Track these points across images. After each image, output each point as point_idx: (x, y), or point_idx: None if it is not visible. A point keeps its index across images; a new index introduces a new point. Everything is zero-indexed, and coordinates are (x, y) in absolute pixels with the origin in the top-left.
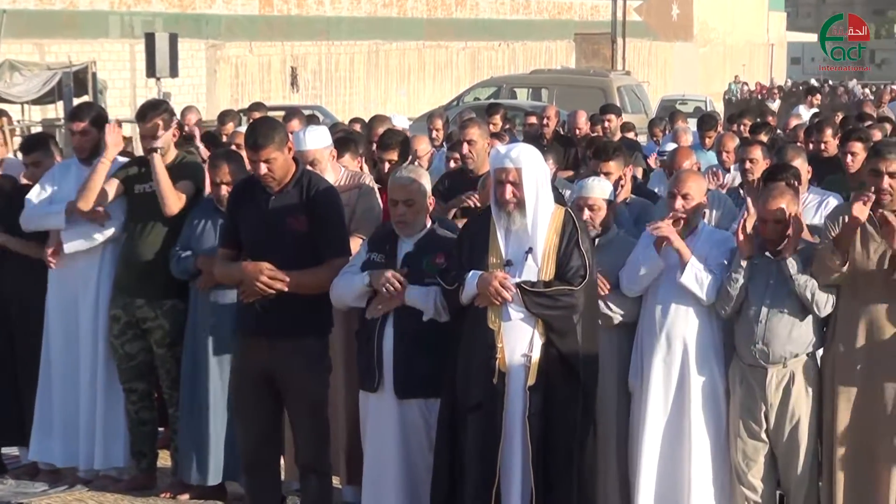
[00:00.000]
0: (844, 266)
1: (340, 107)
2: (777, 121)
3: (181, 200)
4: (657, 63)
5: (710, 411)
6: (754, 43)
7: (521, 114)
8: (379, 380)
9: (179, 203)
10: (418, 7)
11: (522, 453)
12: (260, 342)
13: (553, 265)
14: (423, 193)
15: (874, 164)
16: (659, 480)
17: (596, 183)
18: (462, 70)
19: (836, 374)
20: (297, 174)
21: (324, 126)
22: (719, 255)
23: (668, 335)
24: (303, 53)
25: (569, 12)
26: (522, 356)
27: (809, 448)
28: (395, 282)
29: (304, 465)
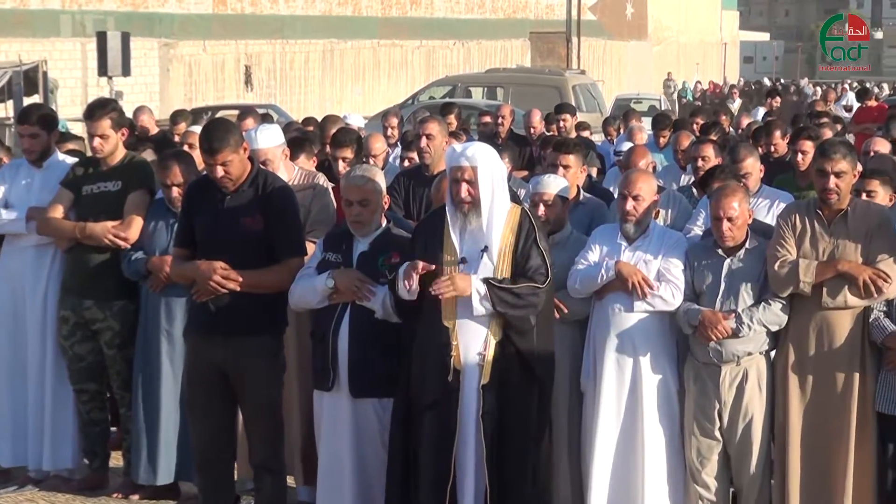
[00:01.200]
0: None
1: (295, 105)
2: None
3: (141, 219)
4: (612, 62)
5: (662, 410)
6: (708, 42)
7: (476, 113)
8: (334, 379)
9: (141, 221)
10: (373, 6)
11: (476, 451)
12: (214, 340)
13: (509, 264)
14: (377, 193)
15: (820, 164)
16: (612, 480)
17: (551, 180)
18: (417, 69)
19: (788, 373)
20: (252, 173)
21: (276, 125)
22: (675, 256)
23: (620, 334)
24: (257, 52)
25: (524, 11)
26: (477, 354)
27: (762, 446)
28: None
29: (259, 464)
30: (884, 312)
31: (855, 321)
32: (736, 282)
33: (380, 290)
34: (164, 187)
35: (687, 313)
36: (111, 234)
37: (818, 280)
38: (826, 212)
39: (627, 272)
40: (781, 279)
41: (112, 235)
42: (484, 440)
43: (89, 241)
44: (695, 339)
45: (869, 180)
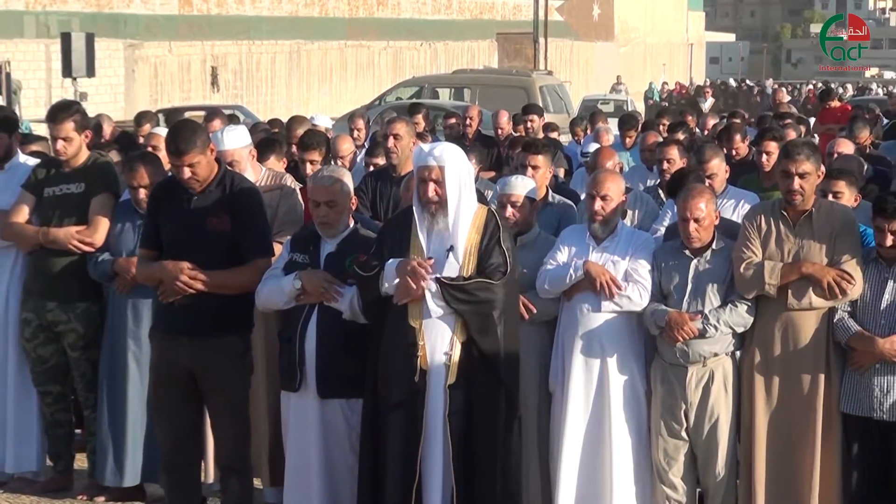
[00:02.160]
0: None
1: (262, 107)
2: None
3: (107, 223)
4: (579, 63)
5: (630, 411)
6: (674, 43)
7: (443, 114)
8: (301, 380)
9: (106, 226)
10: (340, 7)
11: (443, 452)
12: (180, 341)
13: (474, 263)
14: (345, 194)
15: (784, 166)
16: (580, 480)
17: (519, 181)
18: (384, 70)
19: (754, 374)
20: (219, 174)
21: (243, 126)
22: (642, 257)
23: (588, 335)
24: (223, 53)
25: (490, 12)
26: (444, 354)
27: (728, 447)
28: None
29: (225, 465)
30: (848, 313)
31: (820, 322)
32: (703, 282)
33: (347, 290)
34: (130, 189)
35: (654, 314)
36: (75, 239)
37: (783, 282)
38: (791, 213)
39: (595, 272)
40: (747, 281)
41: (76, 241)
42: (451, 440)
43: (53, 245)
44: (662, 339)
45: (835, 181)
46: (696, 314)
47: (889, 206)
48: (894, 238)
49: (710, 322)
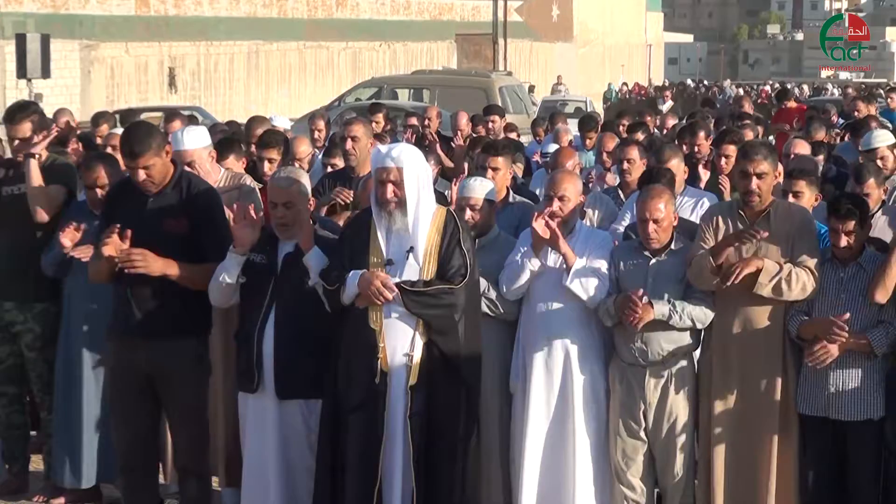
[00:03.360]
0: (717, 278)
1: (220, 108)
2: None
3: (53, 209)
4: (538, 63)
5: (591, 411)
6: (633, 44)
7: (402, 114)
8: (259, 380)
9: (51, 212)
10: (299, 7)
11: (404, 453)
12: (136, 343)
13: (434, 265)
14: (302, 195)
15: (742, 166)
16: (541, 480)
17: (477, 183)
18: (343, 70)
19: (712, 374)
20: (175, 176)
21: (202, 127)
22: (599, 256)
23: (549, 335)
24: (181, 54)
25: (450, 13)
26: (404, 356)
27: (686, 447)
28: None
29: (183, 467)
30: (803, 312)
31: (777, 322)
32: (661, 282)
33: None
34: (87, 189)
35: (609, 305)
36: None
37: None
38: (748, 213)
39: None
40: (696, 271)
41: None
42: (411, 441)
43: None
44: (620, 339)
45: (795, 181)
46: (663, 302)
47: (843, 207)
48: (848, 238)
49: (676, 310)
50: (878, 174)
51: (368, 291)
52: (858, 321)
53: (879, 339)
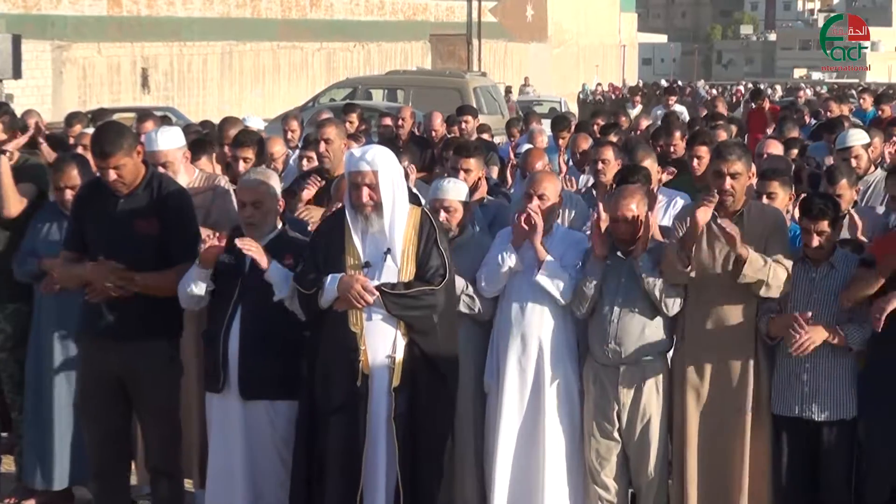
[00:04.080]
0: (688, 268)
1: (194, 108)
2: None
3: (22, 203)
4: (512, 64)
5: (564, 411)
6: (607, 44)
7: (376, 115)
8: (224, 380)
9: (20, 206)
10: (272, 8)
11: (388, 455)
12: (108, 345)
13: (413, 266)
14: (271, 195)
15: (716, 166)
16: (514, 480)
17: (451, 185)
18: (317, 71)
19: (684, 374)
20: (146, 177)
21: (177, 127)
22: (574, 255)
23: (523, 334)
24: (154, 54)
25: (424, 13)
26: (386, 357)
27: (660, 447)
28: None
29: (155, 468)
30: (774, 312)
31: (749, 322)
32: (635, 282)
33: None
34: (56, 190)
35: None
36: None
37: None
38: (722, 213)
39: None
40: (666, 268)
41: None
42: (396, 442)
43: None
44: (594, 339)
45: (769, 182)
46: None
47: (815, 208)
48: (820, 238)
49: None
50: (850, 175)
51: (349, 295)
52: (830, 320)
53: (853, 335)
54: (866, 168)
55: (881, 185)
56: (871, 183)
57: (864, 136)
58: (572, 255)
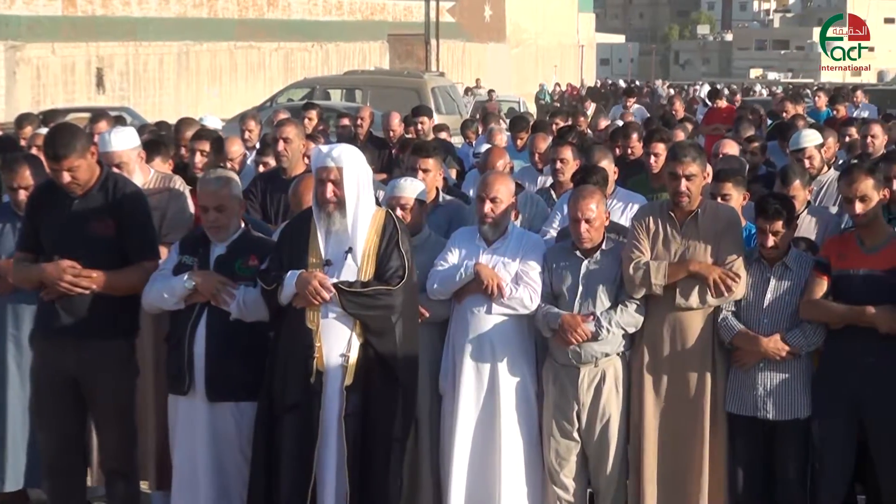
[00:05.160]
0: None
1: (150, 108)
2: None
3: None
4: (471, 64)
5: (520, 412)
6: (565, 44)
7: (334, 115)
8: (190, 383)
9: None
10: (229, 8)
11: (338, 453)
12: (63, 344)
13: (373, 266)
14: (234, 198)
15: (671, 168)
16: (470, 482)
17: (408, 183)
18: (275, 71)
19: (643, 374)
20: (101, 177)
21: (131, 127)
22: (532, 259)
23: (478, 337)
24: (109, 54)
25: (381, 13)
26: (340, 356)
27: (619, 447)
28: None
29: (111, 469)
30: (732, 312)
31: (706, 322)
32: (593, 283)
33: (237, 292)
34: (9, 190)
35: (546, 317)
36: None
37: (671, 281)
38: (678, 213)
39: (485, 275)
40: (635, 281)
41: None
42: (346, 442)
43: None
44: (554, 341)
45: (723, 184)
46: (589, 315)
47: (770, 208)
48: (775, 238)
49: (603, 324)
50: (803, 175)
51: (306, 291)
52: (784, 320)
53: (796, 339)
54: (820, 168)
55: (834, 185)
56: (824, 183)
57: (817, 136)
58: (530, 259)
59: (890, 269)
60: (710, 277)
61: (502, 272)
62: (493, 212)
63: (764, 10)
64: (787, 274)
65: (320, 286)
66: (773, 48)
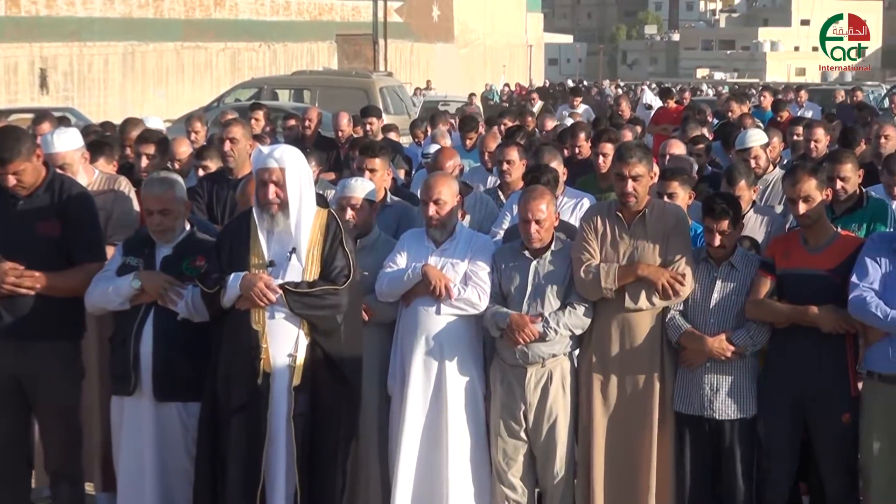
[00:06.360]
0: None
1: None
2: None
3: None
4: (419, 64)
5: (468, 412)
6: (513, 44)
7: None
8: (136, 383)
9: None
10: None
11: (287, 454)
12: (6, 346)
13: (317, 266)
14: (178, 201)
15: (618, 168)
16: (418, 481)
17: (358, 183)
18: (222, 71)
19: (591, 374)
20: (47, 178)
21: (74, 128)
22: (481, 259)
23: (427, 337)
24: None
25: (330, 13)
26: (288, 356)
27: (566, 446)
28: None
29: (55, 471)
30: (679, 312)
31: (654, 322)
32: (542, 284)
33: (185, 292)
34: None
35: (494, 316)
36: None
37: (620, 284)
38: (625, 214)
39: (433, 277)
40: (586, 285)
41: None
42: (295, 442)
43: None
44: (502, 341)
45: (668, 182)
46: (537, 317)
47: (717, 207)
48: (722, 238)
49: (550, 325)
50: (748, 175)
51: (251, 293)
52: (730, 319)
53: (741, 339)
54: (765, 167)
55: (779, 184)
56: (769, 182)
57: (762, 136)
58: (479, 259)
59: (833, 269)
60: (659, 282)
61: (450, 273)
62: (437, 213)
63: (710, 10)
64: (733, 273)
65: (266, 287)
66: (720, 48)
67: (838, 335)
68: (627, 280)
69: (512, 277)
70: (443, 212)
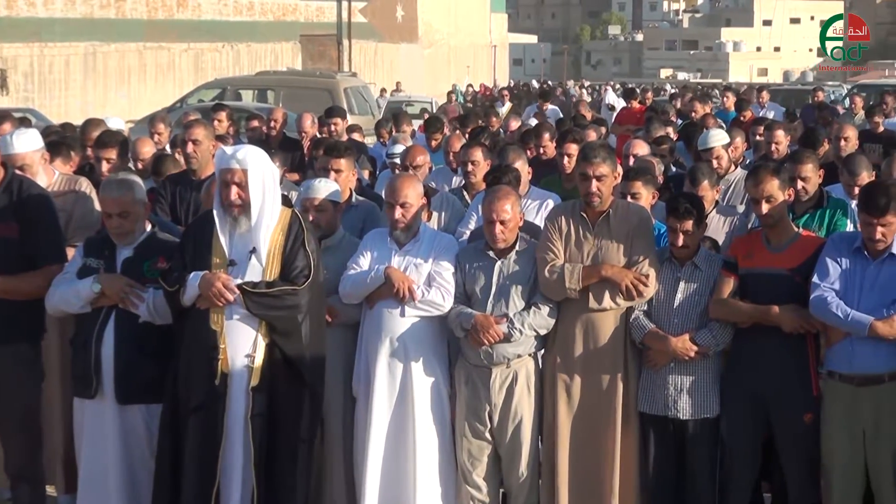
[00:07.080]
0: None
1: (56, 110)
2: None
3: None
4: (383, 64)
5: (434, 413)
6: (478, 44)
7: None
8: (97, 386)
9: None
10: (138, 8)
11: (244, 454)
12: None
13: (278, 266)
14: (137, 202)
15: (582, 168)
16: (384, 482)
17: (322, 184)
18: (185, 72)
19: (556, 374)
20: (5, 180)
21: (34, 129)
22: (445, 259)
23: (391, 338)
24: (13, 55)
25: (293, 14)
26: (246, 357)
27: (531, 447)
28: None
29: (15, 473)
30: (643, 311)
31: (618, 322)
32: (507, 284)
33: (146, 294)
34: None
35: (459, 317)
36: None
37: (584, 285)
38: (589, 214)
39: (396, 279)
40: (550, 285)
41: None
42: (252, 443)
43: None
44: (466, 341)
45: (632, 182)
46: (502, 317)
47: (681, 207)
48: (685, 238)
49: (515, 326)
50: (711, 175)
51: (209, 293)
52: (694, 319)
53: (704, 339)
54: (727, 168)
55: (742, 184)
56: (731, 182)
57: (724, 136)
58: (443, 259)
59: (794, 268)
60: (623, 283)
61: (414, 274)
62: (404, 217)
63: (673, 10)
64: (696, 273)
65: (224, 287)
66: (683, 48)
67: (800, 335)
68: (591, 280)
69: (476, 278)
70: (409, 214)
